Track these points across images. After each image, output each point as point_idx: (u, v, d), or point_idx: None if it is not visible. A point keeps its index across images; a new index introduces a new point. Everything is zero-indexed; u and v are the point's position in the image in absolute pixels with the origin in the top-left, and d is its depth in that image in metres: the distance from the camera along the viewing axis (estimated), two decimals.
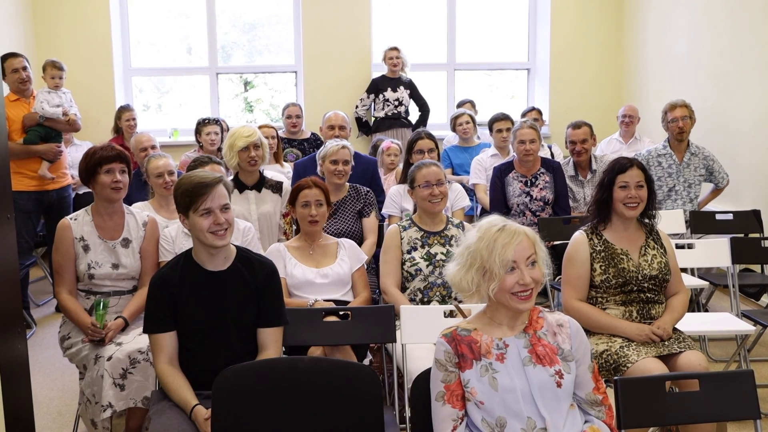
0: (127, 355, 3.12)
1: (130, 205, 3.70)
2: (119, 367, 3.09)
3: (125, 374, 3.09)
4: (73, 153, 6.09)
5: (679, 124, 5.25)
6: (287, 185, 4.51)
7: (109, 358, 3.09)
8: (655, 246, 3.25)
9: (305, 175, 4.72)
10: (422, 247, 3.58)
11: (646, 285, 3.16)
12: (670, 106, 5.35)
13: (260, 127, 5.81)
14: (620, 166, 3.26)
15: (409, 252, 3.58)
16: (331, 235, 3.88)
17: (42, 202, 5.25)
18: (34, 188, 5.15)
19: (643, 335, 3.04)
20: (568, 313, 3.06)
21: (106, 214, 3.48)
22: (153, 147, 5.30)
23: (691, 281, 4.19)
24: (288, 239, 4.34)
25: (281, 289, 2.85)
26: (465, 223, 3.79)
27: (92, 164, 3.42)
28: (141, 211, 3.70)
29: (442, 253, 3.54)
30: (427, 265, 3.53)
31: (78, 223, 3.44)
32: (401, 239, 3.61)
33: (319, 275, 3.50)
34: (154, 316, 2.69)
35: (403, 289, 3.56)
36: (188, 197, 2.65)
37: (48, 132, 5.17)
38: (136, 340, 3.21)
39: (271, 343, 2.73)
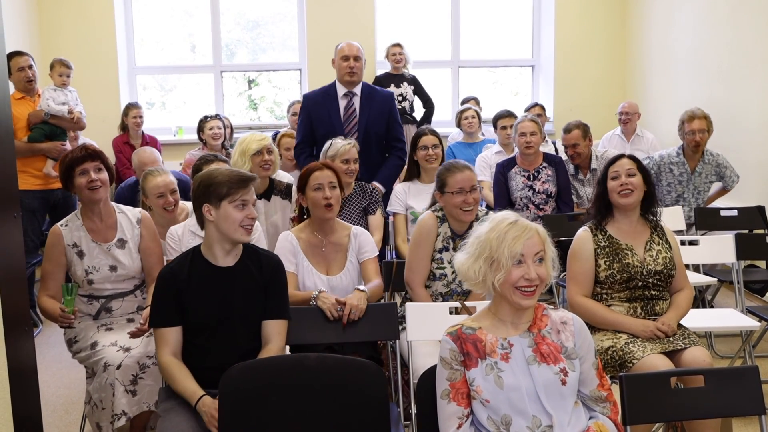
0: (136, 361, 3.10)
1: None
2: (129, 374, 3.08)
3: (136, 380, 3.08)
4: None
5: (695, 137, 5.11)
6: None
7: (119, 367, 3.06)
8: (660, 241, 3.25)
9: (315, 108, 4.82)
10: (451, 249, 3.41)
11: (650, 281, 3.16)
12: (688, 116, 5.18)
13: (283, 136, 5.74)
14: (611, 159, 3.32)
15: (440, 251, 3.42)
16: None
17: (47, 201, 5.25)
18: (39, 187, 5.16)
19: (648, 331, 3.04)
20: (572, 310, 3.07)
21: (96, 216, 3.40)
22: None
23: (697, 278, 4.19)
24: None
25: (286, 283, 2.85)
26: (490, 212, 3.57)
27: (66, 168, 3.35)
28: (132, 208, 3.57)
29: None
30: (452, 272, 3.37)
31: (69, 229, 3.36)
32: (438, 234, 3.42)
33: (328, 286, 3.30)
34: (160, 310, 2.71)
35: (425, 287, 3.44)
36: (226, 187, 2.65)
37: (53, 130, 5.17)
38: (143, 343, 3.20)
39: (275, 335, 2.74)
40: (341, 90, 4.91)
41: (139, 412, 3.10)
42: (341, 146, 4.28)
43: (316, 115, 4.87)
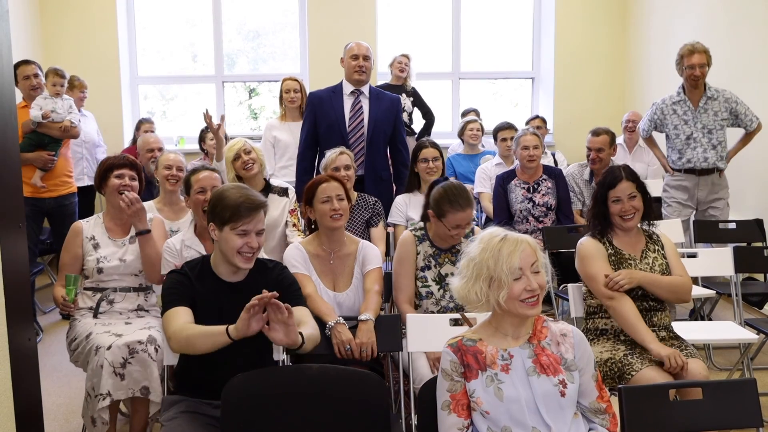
0: (126, 344, 3.15)
1: None
2: (119, 356, 3.12)
3: (125, 364, 3.12)
4: (84, 124, 5.95)
5: (695, 72, 5.04)
6: (293, 190, 4.55)
7: (109, 347, 3.13)
8: (656, 248, 3.30)
9: (320, 104, 4.88)
10: (435, 266, 3.46)
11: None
12: (687, 50, 5.09)
13: (285, 80, 5.94)
14: (611, 179, 3.29)
15: (422, 270, 3.44)
16: None
17: (40, 209, 5.22)
18: (29, 194, 5.09)
19: (673, 362, 2.93)
20: (610, 303, 3.12)
21: (117, 218, 3.65)
22: (160, 149, 5.40)
23: (695, 290, 4.18)
24: (298, 231, 4.32)
25: (296, 280, 2.83)
26: (476, 228, 3.63)
27: (104, 169, 3.65)
28: (147, 212, 3.74)
29: (451, 274, 3.37)
30: (438, 289, 3.42)
31: (90, 224, 3.64)
32: (417, 253, 3.46)
33: (335, 302, 3.33)
34: (173, 293, 2.63)
35: (415, 306, 3.46)
36: (230, 212, 2.61)
37: (41, 139, 5.11)
38: (136, 333, 3.25)
39: (304, 317, 2.65)
40: (348, 88, 4.95)
41: (125, 397, 3.14)
42: (328, 156, 4.33)
43: (320, 111, 4.92)
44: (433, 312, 3.42)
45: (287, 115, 5.93)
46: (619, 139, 6.73)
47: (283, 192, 4.42)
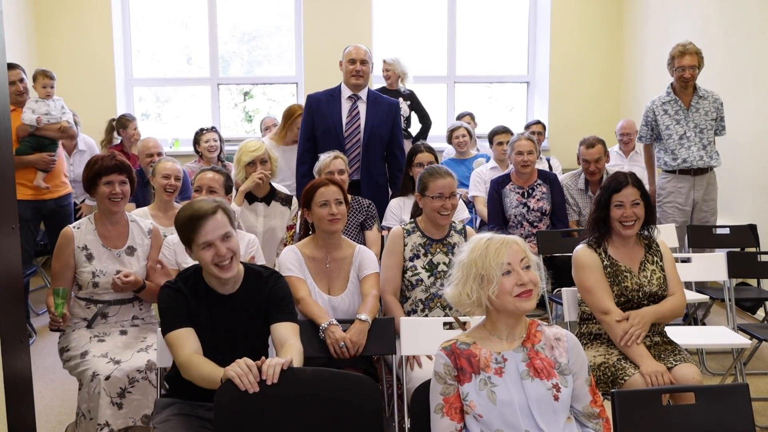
0: (126, 374, 3.10)
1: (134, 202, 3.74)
2: (117, 386, 3.07)
3: (123, 393, 3.07)
4: (76, 165, 6.03)
5: (685, 74, 5.06)
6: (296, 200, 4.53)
7: (107, 378, 3.06)
8: (654, 259, 3.27)
9: (318, 107, 4.85)
10: (425, 255, 3.48)
11: (645, 302, 3.18)
12: (679, 51, 5.10)
13: (294, 110, 5.56)
14: (616, 184, 3.26)
15: (411, 260, 3.48)
16: None
17: (40, 211, 5.21)
18: (30, 197, 5.08)
19: (658, 378, 2.93)
20: (603, 318, 3.12)
21: (109, 222, 3.50)
22: (159, 153, 5.46)
23: (689, 295, 4.18)
24: None
25: (290, 292, 2.77)
26: (468, 227, 3.68)
27: (92, 175, 3.46)
28: (143, 219, 3.72)
29: (444, 263, 3.44)
30: (429, 276, 3.43)
31: (81, 231, 3.45)
32: (405, 245, 3.50)
33: (330, 306, 3.30)
34: (171, 314, 2.57)
35: (405, 299, 3.48)
36: (186, 229, 2.57)
37: (40, 142, 5.09)
38: (134, 358, 3.20)
39: (291, 337, 2.59)
40: (346, 92, 4.93)
41: (125, 426, 3.08)
42: (323, 160, 4.33)
43: (318, 114, 4.89)
44: (422, 299, 3.44)
45: (288, 138, 5.64)
46: (615, 147, 6.75)
47: (287, 201, 4.39)
